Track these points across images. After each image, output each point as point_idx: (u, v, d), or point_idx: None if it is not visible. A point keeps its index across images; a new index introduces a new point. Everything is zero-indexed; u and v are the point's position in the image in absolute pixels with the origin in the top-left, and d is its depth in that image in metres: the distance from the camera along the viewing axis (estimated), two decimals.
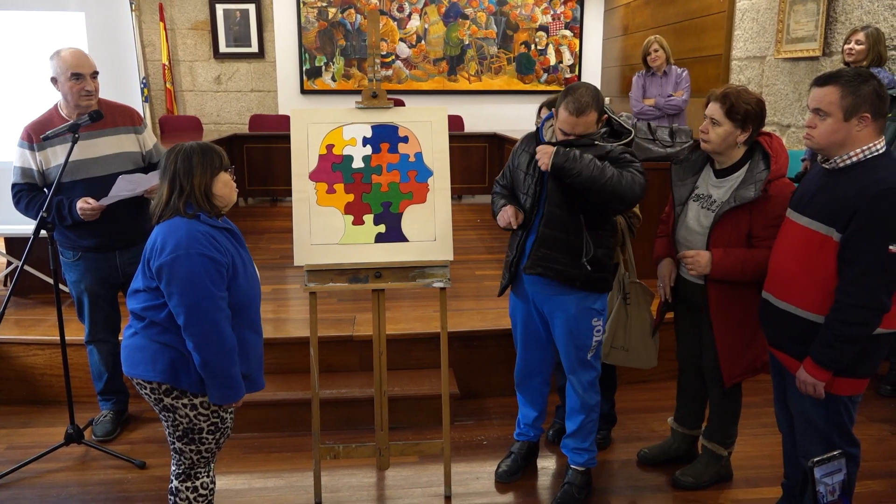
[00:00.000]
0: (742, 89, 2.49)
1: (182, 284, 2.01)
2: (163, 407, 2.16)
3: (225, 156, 2.22)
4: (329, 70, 8.35)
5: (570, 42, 8.64)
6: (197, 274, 2.01)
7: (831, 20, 4.62)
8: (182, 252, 2.02)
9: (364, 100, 2.72)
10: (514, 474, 2.93)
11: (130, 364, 2.15)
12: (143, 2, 8.05)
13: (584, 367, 2.69)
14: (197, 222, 2.09)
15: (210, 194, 2.14)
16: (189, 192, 2.10)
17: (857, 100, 2.01)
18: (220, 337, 2.05)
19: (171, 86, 8.23)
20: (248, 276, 2.19)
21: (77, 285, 3.08)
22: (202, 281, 2.02)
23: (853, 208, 2.00)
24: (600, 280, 2.61)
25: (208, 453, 2.25)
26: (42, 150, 2.91)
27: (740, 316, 2.57)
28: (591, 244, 2.55)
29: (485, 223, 6.47)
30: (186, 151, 2.14)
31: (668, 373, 3.36)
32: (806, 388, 2.15)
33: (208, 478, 2.30)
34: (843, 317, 2.03)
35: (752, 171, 2.48)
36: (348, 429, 3.30)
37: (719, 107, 2.46)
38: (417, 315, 3.85)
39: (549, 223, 2.56)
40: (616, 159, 2.51)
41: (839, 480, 1.71)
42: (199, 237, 2.05)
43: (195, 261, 2.02)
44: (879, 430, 3.29)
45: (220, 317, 2.05)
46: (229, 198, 2.22)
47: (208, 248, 2.05)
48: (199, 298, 2.02)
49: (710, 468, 2.86)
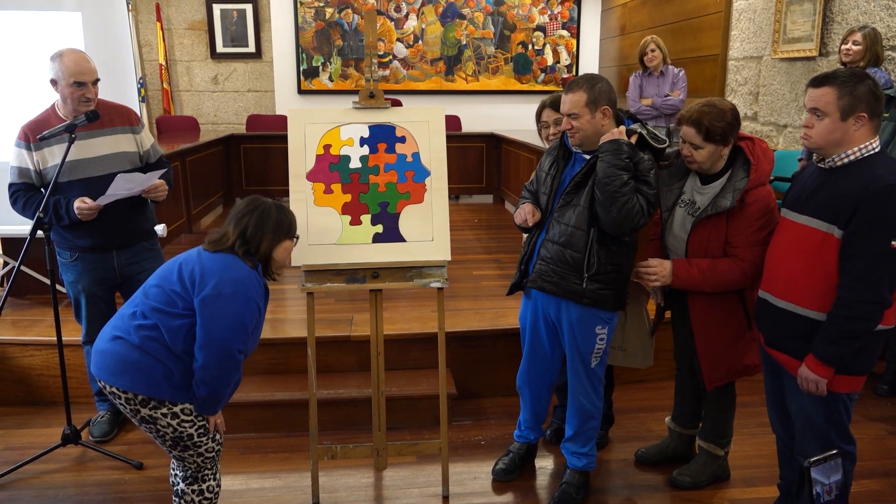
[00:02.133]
0: (711, 108, 2.44)
1: (229, 319, 2.07)
2: (141, 419, 2.13)
3: (295, 223, 2.30)
4: (326, 70, 8.35)
5: (568, 42, 8.65)
6: (245, 315, 2.11)
7: (828, 20, 4.63)
8: (243, 290, 2.10)
9: (361, 100, 2.72)
10: (510, 473, 2.93)
11: (106, 371, 2.12)
12: (140, 2, 8.04)
13: (587, 374, 2.67)
14: (255, 272, 2.19)
15: (270, 258, 2.24)
16: (254, 251, 2.19)
17: (853, 100, 2.03)
18: (236, 375, 2.17)
19: (168, 86, 8.23)
20: (260, 329, 2.28)
21: (74, 285, 3.08)
22: (245, 323, 2.11)
23: (854, 205, 2.01)
24: (610, 298, 2.55)
25: (210, 453, 2.24)
26: (39, 149, 2.90)
27: (720, 321, 2.58)
28: (598, 260, 2.50)
29: (482, 223, 6.47)
30: (265, 210, 2.21)
31: (666, 372, 3.36)
32: (808, 386, 2.15)
33: (214, 481, 2.30)
34: (846, 313, 2.05)
35: (732, 180, 2.48)
36: (346, 429, 3.30)
37: (695, 132, 2.44)
38: (415, 315, 3.84)
39: (552, 235, 2.56)
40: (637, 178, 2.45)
41: (836, 480, 1.71)
42: (256, 284, 2.16)
43: (250, 304, 2.12)
44: (876, 429, 3.29)
45: (241, 358, 2.15)
46: (284, 264, 2.31)
47: (260, 297, 2.17)
48: (238, 338, 2.10)
49: (707, 468, 2.87)
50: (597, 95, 2.48)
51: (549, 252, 2.57)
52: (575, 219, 2.51)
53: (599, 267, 2.50)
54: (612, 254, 2.52)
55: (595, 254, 2.50)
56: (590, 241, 2.50)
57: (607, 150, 2.44)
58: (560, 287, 2.55)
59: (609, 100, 2.50)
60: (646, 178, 2.46)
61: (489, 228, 6.26)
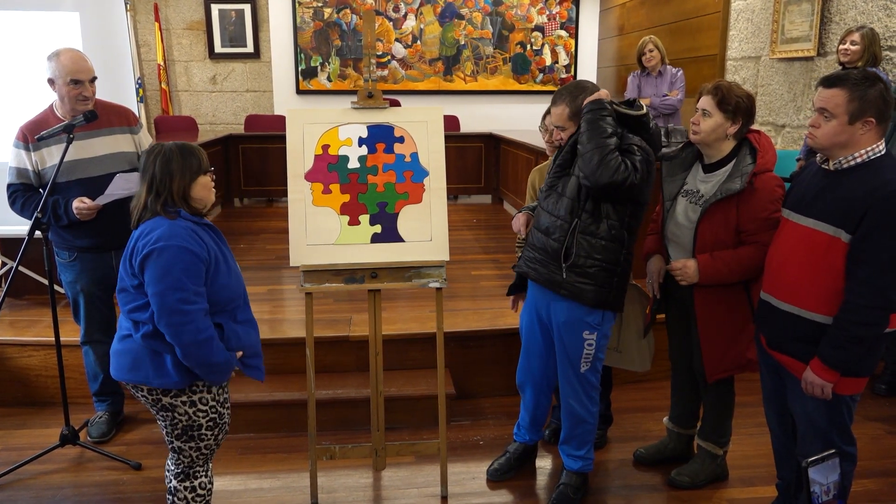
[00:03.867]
0: (734, 83, 2.52)
1: (157, 275, 2.02)
2: (161, 407, 2.15)
3: (204, 157, 2.21)
4: (325, 70, 8.35)
5: (566, 42, 8.65)
6: (173, 265, 2.02)
7: (826, 20, 4.64)
8: (162, 244, 2.03)
9: (360, 100, 2.72)
10: (505, 473, 2.93)
11: (122, 369, 2.15)
12: (138, 2, 8.04)
13: (577, 379, 2.65)
14: (179, 219, 2.10)
15: (188, 198, 2.15)
16: (167, 196, 2.11)
17: (863, 104, 2.02)
18: (194, 327, 2.04)
19: (167, 86, 8.22)
20: (232, 273, 2.20)
21: (73, 286, 3.08)
22: (176, 273, 2.02)
23: (863, 209, 2.00)
24: (590, 293, 2.49)
25: (207, 450, 2.25)
26: (37, 150, 2.90)
27: (725, 313, 2.59)
28: (576, 251, 2.48)
29: (481, 223, 6.47)
30: (166, 154, 2.13)
31: (664, 372, 3.37)
32: (813, 390, 2.14)
33: (206, 478, 2.30)
34: (854, 317, 2.03)
35: (739, 165, 2.50)
36: (344, 429, 3.30)
37: (710, 98, 2.49)
38: (414, 315, 3.84)
39: (538, 222, 2.59)
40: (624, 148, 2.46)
41: (834, 480, 1.71)
42: (180, 231, 2.07)
43: (174, 253, 2.03)
44: (875, 429, 3.30)
45: (191, 308, 2.04)
46: (207, 199, 2.22)
47: (189, 241, 2.06)
48: (172, 289, 2.01)
49: (705, 468, 2.87)
50: (579, 106, 2.53)
51: (536, 240, 2.61)
52: (559, 208, 2.54)
53: (577, 258, 2.49)
54: (592, 247, 2.48)
55: (575, 244, 2.49)
56: (571, 230, 2.50)
57: (589, 108, 2.47)
58: (541, 275, 2.58)
59: None
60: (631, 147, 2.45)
61: (488, 228, 6.26)
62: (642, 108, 2.53)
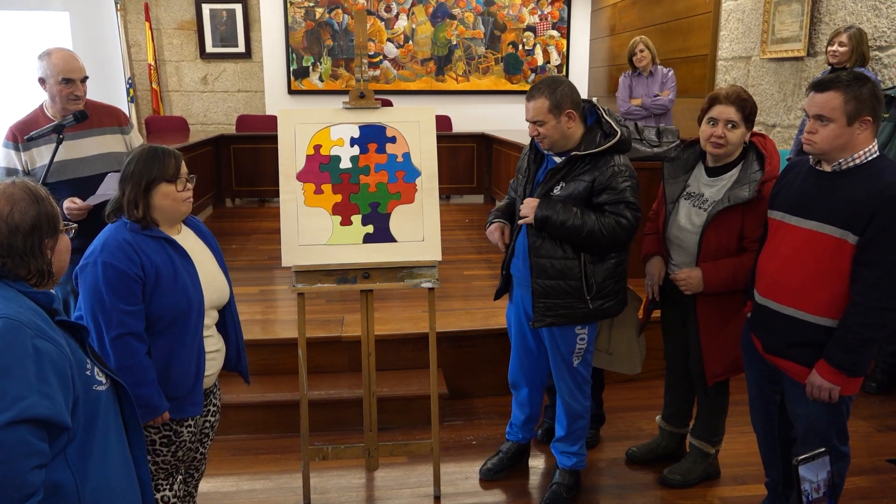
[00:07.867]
0: (741, 89, 2.51)
1: (85, 294, 1.93)
2: None
3: (172, 164, 2.03)
4: (316, 70, 8.33)
5: (558, 42, 8.66)
6: (98, 284, 1.91)
7: (816, 21, 4.66)
8: (91, 260, 1.93)
9: (352, 100, 2.72)
10: (498, 472, 2.94)
11: None
12: (129, 1, 7.99)
13: (571, 374, 2.67)
14: (123, 229, 1.99)
15: (148, 206, 2.00)
16: (130, 208, 2.00)
17: (859, 104, 2.01)
18: (119, 352, 1.91)
19: (158, 86, 8.18)
20: (180, 288, 2.01)
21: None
22: (100, 292, 1.91)
23: (870, 211, 1.99)
24: (616, 305, 2.59)
25: (166, 465, 2.14)
26: (27, 150, 2.89)
27: (726, 317, 2.59)
28: (596, 281, 2.50)
29: (473, 223, 6.47)
30: (132, 158, 2.01)
31: (656, 371, 3.38)
32: (820, 394, 2.12)
33: (170, 491, 2.17)
34: (864, 319, 2.02)
35: (747, 171, 2.48)
36: (337, 430, 3.30)
37: (735, 110, 2.44)
38: (406, 315, 3.84)
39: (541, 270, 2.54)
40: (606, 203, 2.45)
41: (823, 478, 1.72)
42: (111, 245, 1.94)
43: (98, 270, 1.91)
44: (865, 427, 3.32)
45: (119, 332, 1.91)
46: (170, 210, 2.04)
47: (118, 257, 1.92)
48: (97, 310, 1.91)
49: (697, 466, 2.88)
50: (559, 100, 2.46)
51: (545, 288, 2.54)
52: (562, 251, 2.51)
53: (598, 287, 2.51)
54: (606, 270, 2.53)
55: (591, 276, 2.50)
56: (582, 265, 2.50)
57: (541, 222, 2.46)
58: (570, 317, 2.55)
59: (572, 102, 2.48)
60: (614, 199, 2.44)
61: (480, 228, 6.23)
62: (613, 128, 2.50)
